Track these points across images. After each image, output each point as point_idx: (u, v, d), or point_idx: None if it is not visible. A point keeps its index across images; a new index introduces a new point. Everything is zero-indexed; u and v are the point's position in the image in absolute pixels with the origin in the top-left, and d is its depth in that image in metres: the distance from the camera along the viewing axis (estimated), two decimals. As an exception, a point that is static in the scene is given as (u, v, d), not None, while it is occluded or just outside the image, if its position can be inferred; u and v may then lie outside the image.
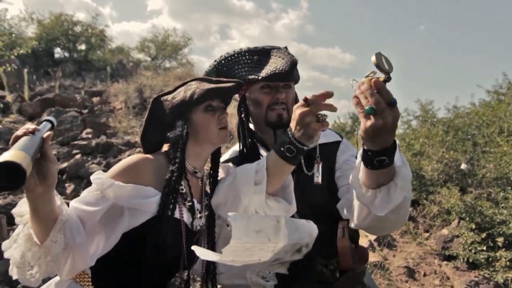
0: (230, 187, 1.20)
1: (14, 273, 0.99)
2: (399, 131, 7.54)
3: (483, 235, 3.94)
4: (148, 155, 1.21)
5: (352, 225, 1.18)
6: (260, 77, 1.27)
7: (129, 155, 5.46)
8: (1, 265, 2.81)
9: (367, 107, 0.87)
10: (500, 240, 3.85)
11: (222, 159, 1.42)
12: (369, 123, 0.88)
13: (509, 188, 4.69)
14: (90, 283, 1.15)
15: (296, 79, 1.38)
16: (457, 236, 4.17)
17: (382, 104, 0.86)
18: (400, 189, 0.98)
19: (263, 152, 1.39)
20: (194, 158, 1.26)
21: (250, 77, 1.30)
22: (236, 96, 1.40)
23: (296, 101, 1.37)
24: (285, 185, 1.19)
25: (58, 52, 15.11)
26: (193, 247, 0.97)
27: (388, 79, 0.90)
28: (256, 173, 1.12)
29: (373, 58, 0.90)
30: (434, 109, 7.30)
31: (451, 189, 4.82)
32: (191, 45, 19.43)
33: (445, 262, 4.06)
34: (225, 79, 1.27)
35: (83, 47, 15.06)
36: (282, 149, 1.05)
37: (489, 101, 7.37)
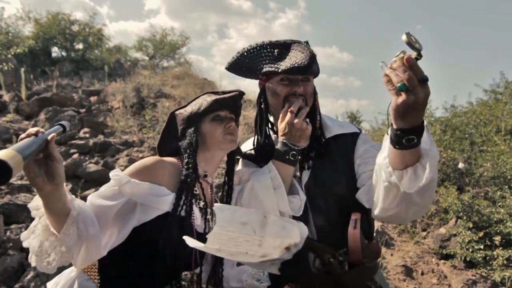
0: (250, 197, 1.30)
1: (32, 261, 1.06)
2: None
3: (481, 234, 3.95)
4: (163, 158, 1.32)
5: (375, 212, 1.21)
6: (280, 70, 1.32)
7: (127, 155, 5.46)
8: (-2, 265, 2.80)
9: (399, 84, 0.88)
10: (497, 239, 3.86)
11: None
12: (400, 99, 0.89)
13: (506, 187, 4.70)
14: (97, 273, 1.24)
15: (315, 72, 1.40)
16: (455, 235, 4.18)
17: (415, 81, 0.87)
18: (429, 168, 0.99)
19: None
20: (205, 164, 1.37)
21: (270, 69, 1.35)
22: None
23: (315, 92, 1.41)
24: (292, 183, 1.30)
25: (55, 51, 15.05)
26: (184, 237, 1.01)
27: (419, 56, 0.91)
28: (272, 180, 1.24)
29: (404, 37, 0.90)
30: (431, 108, 7.31)
31: (448, 188, 4.83)
32: (189, 44, 19.37)
33: (442, 261, 4.07)
34: (229, 90, 1.38)
35: (80, 46, 15.01)
36: (286, 156, 1.19)
37: (487, 100, 7.40)
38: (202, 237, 1.26)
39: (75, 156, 5.10)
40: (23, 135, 0.90)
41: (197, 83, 10.22)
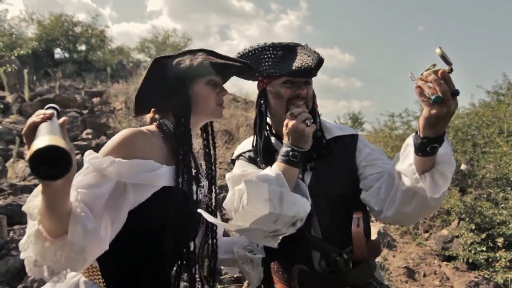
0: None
1: (32, 272, 0.93)
2: (399, 131, 7.55)
3: (483, 235, 3.94)
4: (142, 128, 1.17)
5: (387, 214, 1.22)
6: (284, 72, 1.33)
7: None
8: (1, 266, 2.82)
9: (434, 96, 0.93)
10: (500, 240, 3.85)
11: (238, 151, 1.50)
12: (434, 111, 0.95)
13: (509, 188, 4.69)
14: (100, 277, 1.12)
15: (315, 75, 1.42)
16: (457, 237, 4.17)
17: (449, 93, 0.93)
18: (450, 175, 1.07)
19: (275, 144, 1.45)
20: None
21: (273, 71, 1.35)
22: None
23: (314, 95, 1.42)
24: (297, 184, 1.28)
25: (58, 53, 15.11)
26: (200, 210, 0.97)
27: (451, 70, 0.95)
28: (278, 182, 1.22)
29: (438, 50, 0.95)
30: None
31: (451, 189, 4.81)
32: (191, 46, 19.39)
33: (445, 263, 4.06)
34: (232, 57, 1.29)
35: (83, 47, 15.06)
36: (287, 158, 1.18)
37: (489, 102, 7.36)
38: (197, 205, 1.22)
39: (78, 157, 5.12)
40: (36, 119, 0.78)
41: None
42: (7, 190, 4.14)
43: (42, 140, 0.59)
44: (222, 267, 1.41)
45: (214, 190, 1.35)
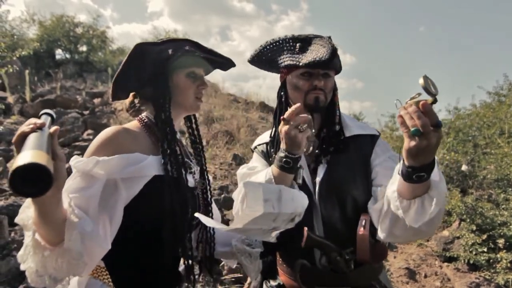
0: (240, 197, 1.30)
1: (34, 283, 0.92)
2: (400, 132, 7.54)
3: (484, 236, 3.94)
4: (124, 126, 1.18)
5: (380, 236, 1.23)
6: (301, 63, 1.33)
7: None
8: (2, 266, 2.82)
9: (413, 129, 0.91)
10: (501, 241, 3.84)
11: (256, 142, 1.53)
12: (413, 143, 0.93)
13: (510, 189, 4.68)
14: (108, 276, 1.12)
15: (336, 68, 1.41)
16: (458, 238, 4.16)
17: (429, 127, 0.90)
18: (436, 203, 1.02)
19: None
20: (176, 123, 1.25)
21: (291, 62, 1.36)
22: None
23: (335, 88, 1.41)
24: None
25: (59, 54, 15.11)
26: (197, 214, 0.97)
27: (434, 101, 0.94)
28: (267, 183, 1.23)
29: (421, 81, 0.93)
30: (435, 110, 7.27)
31: (452, 190, 4.81)
32: (192, 47, 19.39)
33: (446, 264, 4.06)
34: (216, 52, 1.28)
35: (84, 48, 15.07)
36: (280, 163, 1.17)
37: (490, 103, 7.37)
38: (192, 191, 1.23)
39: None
40: (25, 129, 0.77)
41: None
42: (8, 190, 4.15)
43: (24, 156, 0.59)
44: (222, 260, 1.41)
45: (206, 175, 1.35)
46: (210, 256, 1.32)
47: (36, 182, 0.58)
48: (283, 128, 1.15)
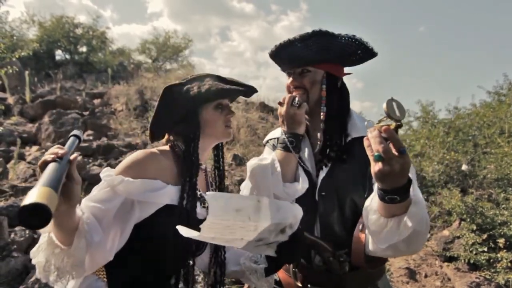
0: (248, 181, 1.35)
1: (42, 276, 1.03)
2: (400, 131, 7.52)
3: (484, 236, 3.94)
4: (153, 150, 1.27)
5: (367, 250, 1.21)
6: (280, 66, 1.44)
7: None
8: (2, 267, 2.82)
9: (375, 154, 0.90)
10: (501, 241, 3.84)
11: (268, 137, 1.58)
12: (377, 167, 0.91)
13: (510, 189, 4.69)
14: (104, 273, 1.21)
15: (315, 61, 1.36)
16: (458, 237, 4.16)
17: (390, 153, 0.89)
18: (405, 226, 1.01)
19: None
20: (200, 152, 1.31)
21: (279, 66, 1.46)
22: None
23: (322, 83, 1.37)
24: (297, 171, 1.34)
25: (59, 54, 15.10)
26: (177, 227, 0.99)
27: (399, 126, 0.93)
28: (271, 165, 1.28)
29: (384, 106, 0.92)
30: (435, 110, 7.27)
31: (452, 190, 4.81)
32: (192, 47, 19.40)
33: (446, 263, 4.05)
34: (238, 81, 1.34)
35: (84, 49, 15.06)
36: (283, 144, 1.25)
37: (490, 102, 7.37)
38: (201, 223, 1.27)
39: (79, 158, 5.12)
40: (48, 158, 0.88)
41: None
42: (8, 191, 4.15)
43: (31, 194, 0.71)
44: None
45: None
46: (221, 281, 1.36)
47: (39, 216, 0.70)
48: (281, 110, 1.24)
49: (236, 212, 0.95)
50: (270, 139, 1.54)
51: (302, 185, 1.29)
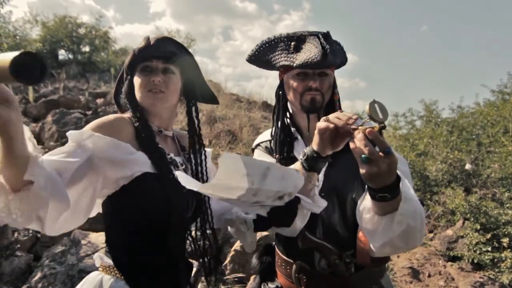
0: None
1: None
2: (403, 131, 7.52)
3: (488, 235, 3.92)
4: (123, 115, 1.21)
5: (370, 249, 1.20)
6: (294, 65, 1.30)
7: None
8: (6, 266, 2.83)
9: (362, 156, 0.92)
10: (505, 240, 3.82)
11: (258, 141, 1.51)
12: (364, 169, 0.94)
13: (514, 188, 4.66)
14: (120, 274, 1.14)
15: (335, 64, 1.37)
16: (462, 237, 4.14)
17: (376, 154, 0.92)
18: (397, 223, 1.01)
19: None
20: (156, 119, 1.27)
21: (286, 63, 1.33)
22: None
23: (334, 86, 1.38)
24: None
25: (62, 54, 15.13)
26: (177, 173, 0.96)
27: (382, 127, 0.94)
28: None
29: (367, 108, 0.94)
30: (438, 109, 7.24)
31: (455, 189, 4.79)
32: (195, 46, 19.33)
33: (449, 263, 4.04)
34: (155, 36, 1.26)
35: (87, 48, 15.10)
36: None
37: (494, 101, 7.33)
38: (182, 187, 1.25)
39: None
40: None
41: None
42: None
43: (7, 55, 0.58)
44: (224, 260, 1.43)
45: (205, 168, 1.34)
46: (211, 238, 1.32)
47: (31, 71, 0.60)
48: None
49: (242, 177, 0.92)
50: (262, 142, 1.50)
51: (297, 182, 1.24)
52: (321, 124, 1.07)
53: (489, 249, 3.81)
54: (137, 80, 1.23)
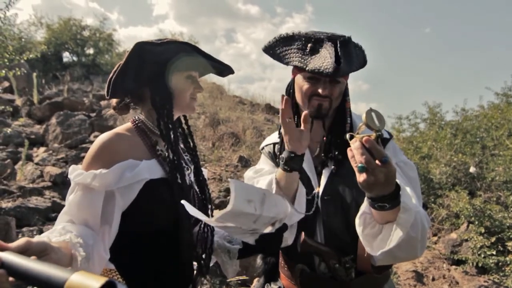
0: None
1: None
2: (406, 134, 7.49)
3: (493, 239, 3.90)
4: (116, 130, 1.20)
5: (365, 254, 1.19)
6: (307, 68, 1.27)
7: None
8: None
9: (358, 165, 0.92)
10: (510, 244, 3.80)
11: (263, 143, 1.52)
12: (361, 178, 0.93)
13: (519, 191, 4.63)
14: (122, 278, 1.13)
15: (350, 72, 1.34)
16: (466, 240, 4.12)
17: (373, 163, 0.91)
18: (394, 232, 1.01)
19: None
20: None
21: (299, 64, 1.30)
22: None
23: (345, 93, 1.35)
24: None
25: (66, 56, 15.25)
26: (183, 202, 0.97)
27: (379, 136, 0.94)
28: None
29: (363, 117, 0.94)
30: (442, 111, 7.20)
31: (459, 192, 4.76)
32: (198, 49, 19.45)
33: (454, 267, 4.01)
34: (216, 58, 1.28)
35: (91, 51, 15.20)
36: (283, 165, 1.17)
37: (498, 104, 7.30)
38: (190, 189, 1.26)
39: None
40: None
41: (205, 87, 10.26)
42: (16, 192, 4.18)
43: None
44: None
45: (200, 175, 1.36)
46: (209, 251, 1.32)
47: None
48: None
49: (248, 203, 0.94)
50: (266, 145, 1.49)
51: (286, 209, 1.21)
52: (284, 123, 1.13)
53: (494, 252, 3.79)
54: (183, 85, 1.23)
